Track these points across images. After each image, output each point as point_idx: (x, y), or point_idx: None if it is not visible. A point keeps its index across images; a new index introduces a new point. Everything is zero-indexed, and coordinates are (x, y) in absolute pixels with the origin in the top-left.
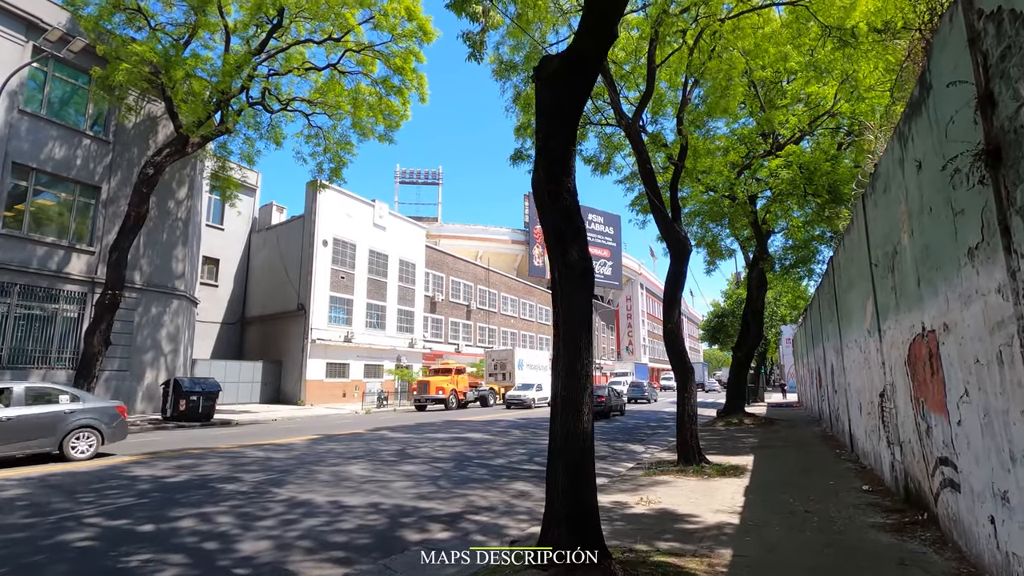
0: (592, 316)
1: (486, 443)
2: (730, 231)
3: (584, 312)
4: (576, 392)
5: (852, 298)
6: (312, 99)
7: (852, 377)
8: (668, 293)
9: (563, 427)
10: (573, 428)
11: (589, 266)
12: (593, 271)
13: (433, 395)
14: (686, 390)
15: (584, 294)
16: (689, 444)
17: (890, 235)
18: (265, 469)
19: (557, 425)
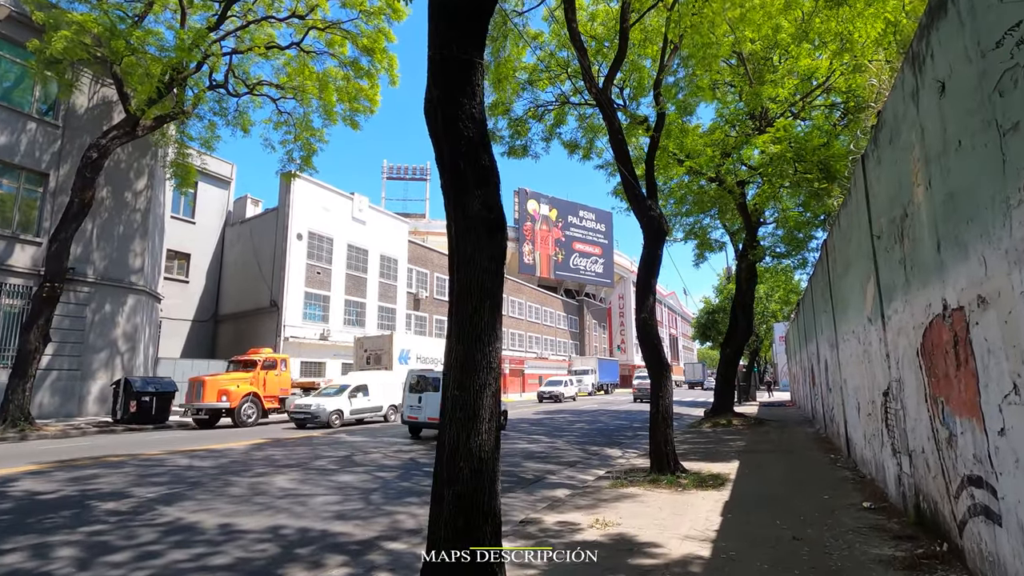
0: (501, 289)
1: None
2: (719, 221)
3: (489, 284)
4: (473, 393)
5: (849, 282)
6: (281, 83)
7: (849, 373)
8: (641, 279)
9: (452, 441)
10: (467, 443)
11: (498, 221)
12: (504, 228)
13: (208, 403)
14: (661, 389)
15: (489, 259)
16: (663, 450)
17: (898, 195)
18: (172, 481)
19: (445, 437)
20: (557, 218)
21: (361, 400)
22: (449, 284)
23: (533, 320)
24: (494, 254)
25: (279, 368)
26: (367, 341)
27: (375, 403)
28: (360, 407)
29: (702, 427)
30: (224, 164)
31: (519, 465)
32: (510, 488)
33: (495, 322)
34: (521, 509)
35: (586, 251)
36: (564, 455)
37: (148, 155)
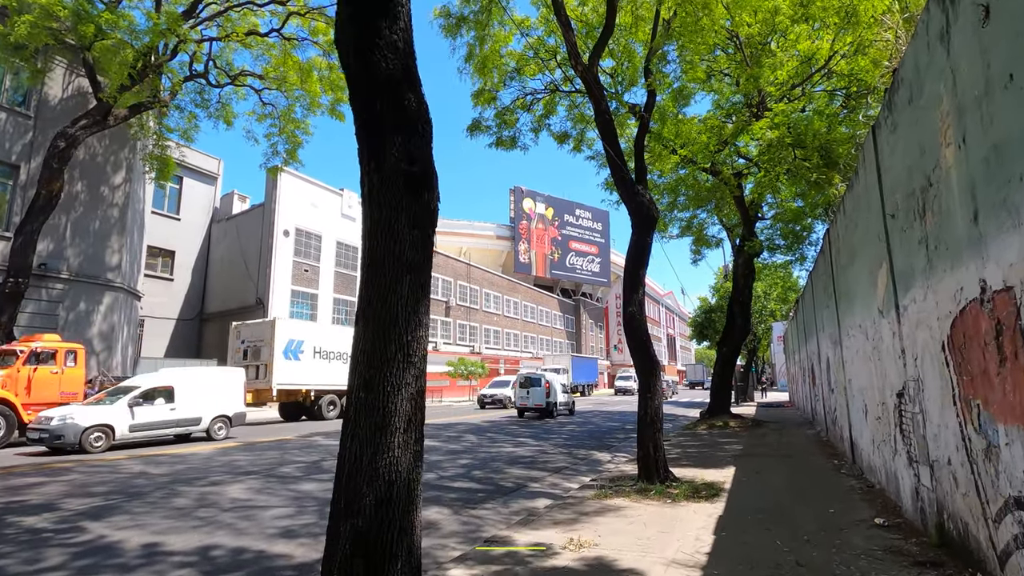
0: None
1: (428, 451)
2: (716, 216)
3: (410, 256)
4: (383, 396)
5: (855, 273)
6: (265, 74)
7: (854, 372)
8: (629, 270)
9: (352, 460)
10: (372, 463)
11: (422, 177)
12: (432, 187)
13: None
14: (649, 389)
15: (411, 224)
16: (652, 457)
17: (919, 163)
18: (114, 492)
19: (344, 454)
20: (553, 217)
21: (157, 410)
22: (361, 256)
23: (529, 320)
24: (418, 218)
25: (61, 363)
26: (244, 329)
27: (185, 413)
28: (153, 419)
29: (697, 429)
30: (210, 159)
31: (501, 471)
32: (486, 499)
33: (419, 305)
34: (494, 523)
35: (583, 250)
36: (551, 460)
37: (126, 148)
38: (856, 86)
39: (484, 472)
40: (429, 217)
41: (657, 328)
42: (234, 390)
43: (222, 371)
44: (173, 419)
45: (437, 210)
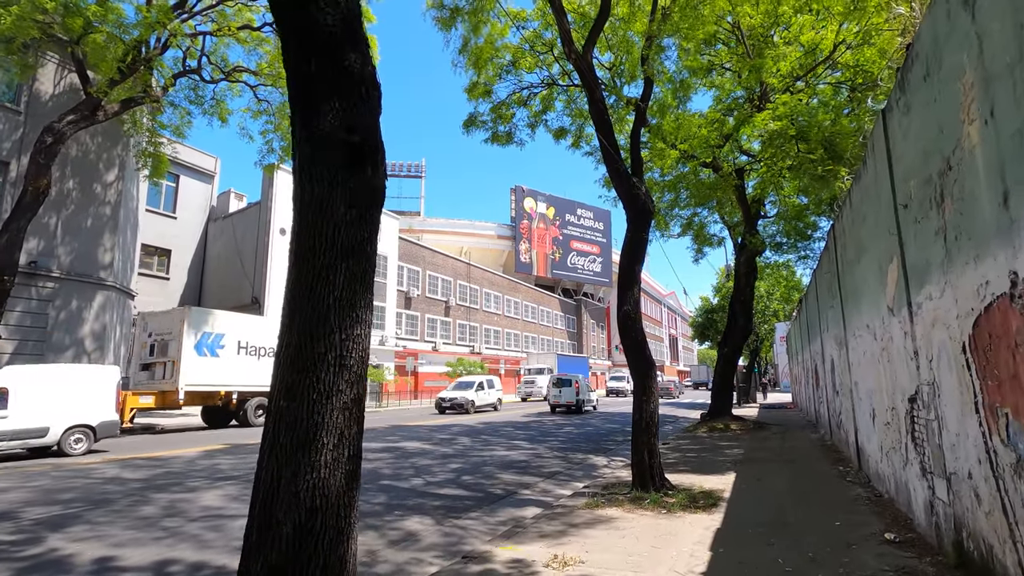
0: (368, 251)
1: (417, 455)
2: (717, 214)
3: (347, 239)
4: (307, 404)
5: (862, 270)
6: (260, 70)
7: (861, 374)
8: (624, 266)
9: (270, 482)
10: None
11: (364, 147)
12: (377, 162)
13: None
14: (645, 391)
15: (348, 203)
16: (647, 464)
17: (937, 145)
18: (78, 500)
19: (263, 471)
20: (555, 216)
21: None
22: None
23: (529, 320)
24: (357, 196)
25: None
26: (152, 320)
27: (23, 423)
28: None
29: (697, 432)
30: (207, 157)
31: (492, 477)
32: (473, 507)
33: (357, 298)
34: (478, 535)
35: (584, 250)
36: (545, 464)
37: (119, 146)
38: (862, 78)
39: (474, 477)
40: (371, 196)
41: (659, 328)
42: (102, 393)
43: (84, 370)
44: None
45: (382, 189)
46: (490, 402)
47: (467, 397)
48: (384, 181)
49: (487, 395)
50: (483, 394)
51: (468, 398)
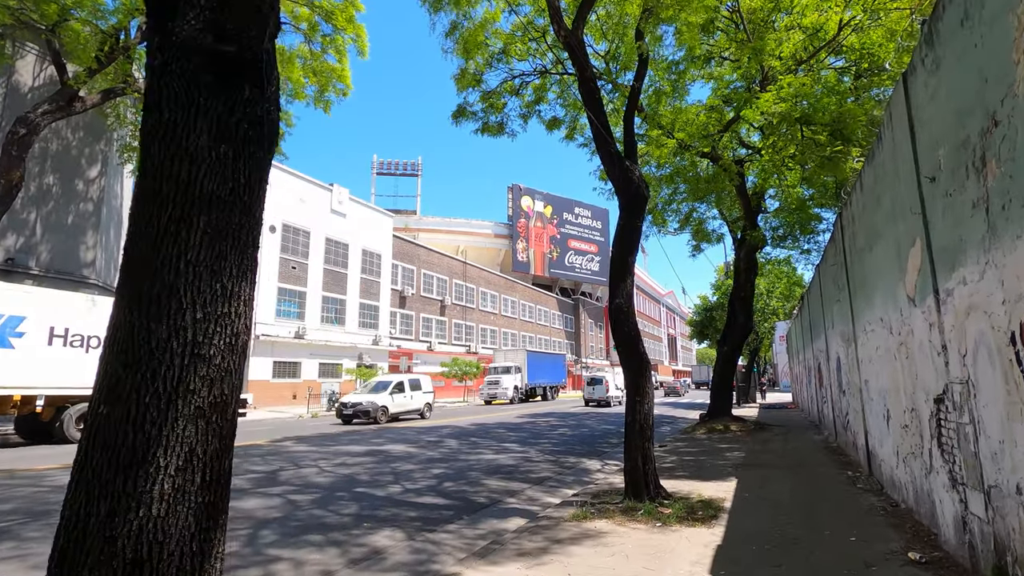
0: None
1: (401, 459)
2: (716, 208)
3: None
4: (142, 409)
5: (876, 259)
6: None
7: (872, 372)
8: (616, 257)
9: (81, 517)
10: (109, 522)
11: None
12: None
13: None
14: (638, 392)
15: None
16: (641, 470)
17: (978, 99)
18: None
19: (67, 510)
20: (552, 215)
21: None
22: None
23: (527, 319)
24: (226, 127)
25: None
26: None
27: None
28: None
29: (696, 433)
30: None
31: (477, 483)
32: (451, 518)
33: (223, 266)
34: (451, 551)
35: (582, 249)
36: (534, 469)
37: (102, 141)
38: (868, 62)
39: (457, 484)
40: (251, 128)
41: (657, 328)
42: None
43: None
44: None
45: (271, 122)
46: (414, 408)
47: (376, 403)
48: (274, 110)
49: (408, 399)
50: (403, 398)
51: (378, 404)
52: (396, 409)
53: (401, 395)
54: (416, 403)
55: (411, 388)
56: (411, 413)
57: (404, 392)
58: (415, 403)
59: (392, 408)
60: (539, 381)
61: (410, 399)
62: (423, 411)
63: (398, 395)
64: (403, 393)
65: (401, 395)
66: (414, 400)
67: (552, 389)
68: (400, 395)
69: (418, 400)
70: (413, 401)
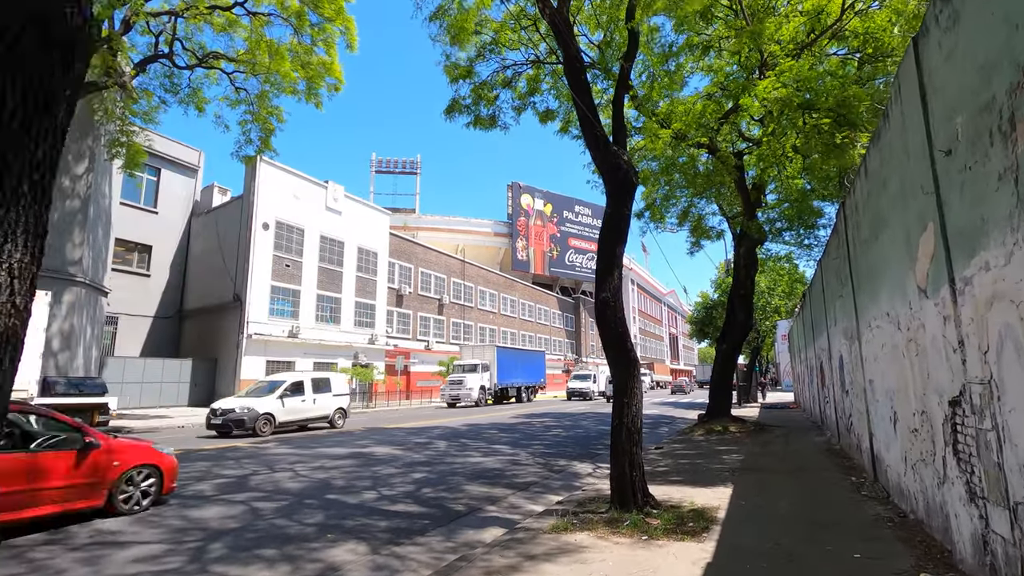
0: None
1: (383, 462)
2: (716, 203)
3: None
4: None
5: (882, 248)
6: (237, 56)
7: (877, 371)
8: (603, 248)
9: None
10: None
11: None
12: None
13: None
14: (627, 392)
15: None
16: (628, 478)
17: (1004, 53)
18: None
19: None
20: (552, 213)
21: None
22: None
23: (526, 318)
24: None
25: None
26: None
27: None
28: None
29: (693, 435)
30: (190, 151)
31: (458, 489)
32: (425, 528)
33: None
34: (416, 569)
35: (583, 247)
36: (521, 473)
37: (89, 138)
38: (872, 47)
39: (437, 490)
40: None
41: (658, 327)
42: None
43: None
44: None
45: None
46: (317, 415)
47: (256, 409)
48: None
49: (309, 404)
50: (299, 403)
51: (259, 411)
52: (288, 417)
53: (297, 398)
54: (321, 409)
55: (314, 390)
56: (315, 421)
57: (302, 395)
58: (319, 409)
59: (282, 416)
60: (512, 381)
61: (312, 404)
62: (333, 419)
63: (292, 399)
64: (300, 396)
65: (297, 398)
66: (317, 405)
67: (529, 390)
68: (295, 399)
69: (324, 405)
70: (316, 407)
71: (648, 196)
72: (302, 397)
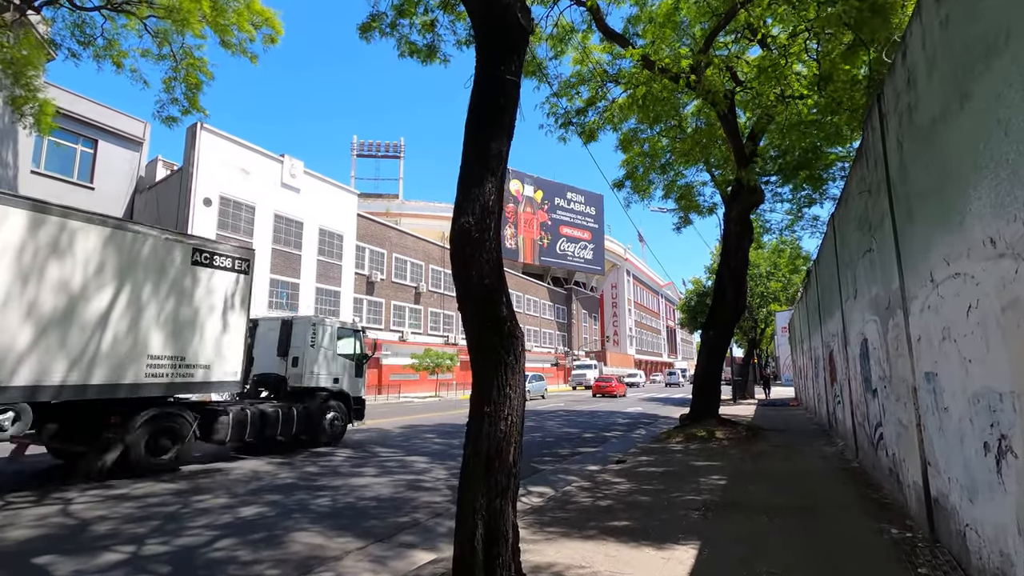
0: None
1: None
2: (706, 170)
3: None
4: None
5: (963, 131)
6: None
7: (952, 357)
8: (471, 138)
9: None
10: None
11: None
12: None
13: None
14: (491, 395)
15: None
16: (479, 559)
17: None
18: None
19: None
20: (543, 200)
21: None
22: None
23: (515, 309)
24: None
25: None
26: None
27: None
28: None
29: (670, 441)
30: (134, 122)
31: (278, 542)
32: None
33: None
34: None
35: (574, 236)
36: (416, 501)
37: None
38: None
39: (228, 548)
40: None
41: (656, 320)
42: None
43: None
44: None
45: None
46: None
47: None
48: None
49: None
50: None
51: None
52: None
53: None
54: None
55: None
56: None
57: None
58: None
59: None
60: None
61: None
62: None
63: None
64: None
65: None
66: None
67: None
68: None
69: None
70: None
71: (629, 163)
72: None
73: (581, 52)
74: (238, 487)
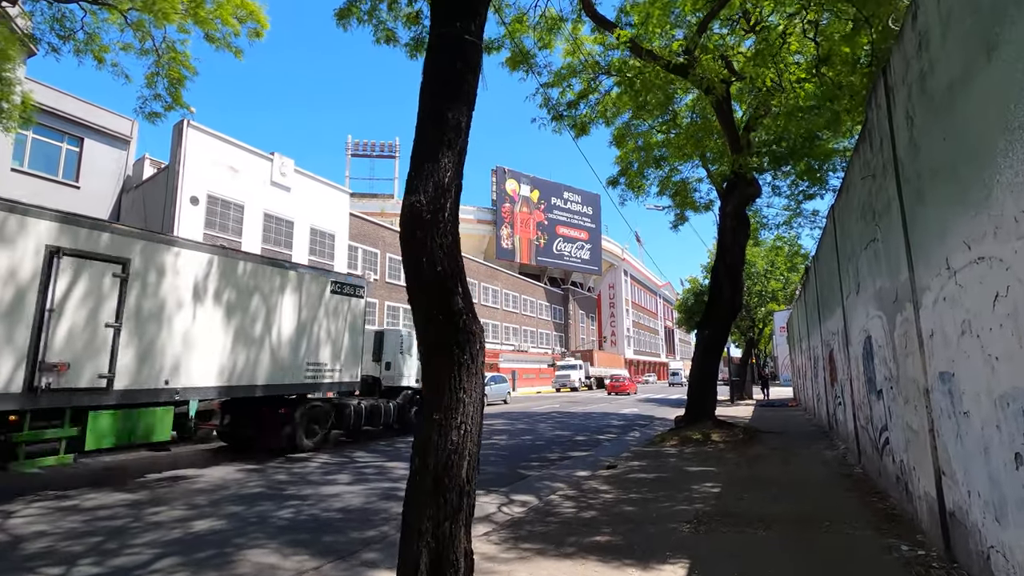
0: None
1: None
2: (702, 165)
3: None
4: None
5: (988, 88)
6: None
7: (972, 355)
8: (426, 105)
9: None
10: None
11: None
12: None
13: None
14: (443, 401)
15: None
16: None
17: None
18: None
19: None
20: (539, 200)
21: None
22: None
23: (510, 310)
24: None
25: None
26: None
27: None
28: None
29: (664, 444)
30: (121, 120)
31: (228, 561)
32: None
33: None
34: None
35: (571, 236)
36: (388, 511)
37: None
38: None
39: (187, 569)
40: None
41: (654, 320)
42: None
43: None
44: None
45: None
46: None
47: None
48: None
49: None
50: None
51: None
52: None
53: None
54: None
55: None
56: None
57: None
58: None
59: None
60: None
61: None
62: None
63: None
64: None
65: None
66: None
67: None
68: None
69: None
70: None
71: (623, 160)
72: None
73: (572, 43)
74: (199, 497)
